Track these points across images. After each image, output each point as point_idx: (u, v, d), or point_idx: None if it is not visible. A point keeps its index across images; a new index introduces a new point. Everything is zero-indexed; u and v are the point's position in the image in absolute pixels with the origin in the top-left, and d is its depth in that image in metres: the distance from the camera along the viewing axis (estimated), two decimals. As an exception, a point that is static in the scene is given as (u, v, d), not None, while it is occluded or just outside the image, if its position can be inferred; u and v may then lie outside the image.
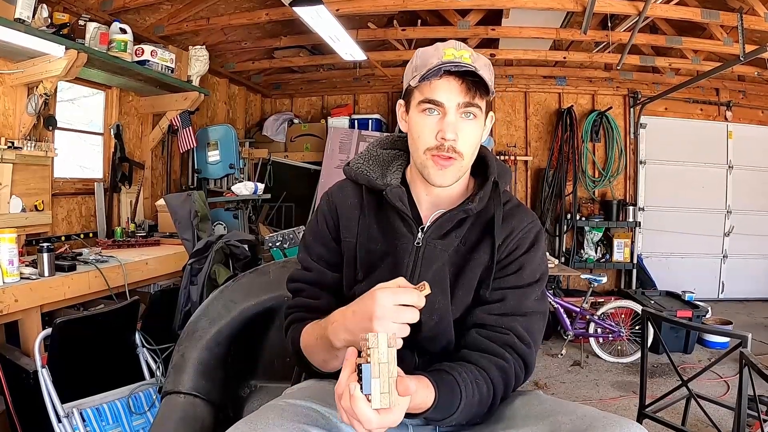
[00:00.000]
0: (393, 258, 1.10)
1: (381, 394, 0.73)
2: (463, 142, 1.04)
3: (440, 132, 1.03)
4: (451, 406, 0.93)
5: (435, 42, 1.10)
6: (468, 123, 1.04)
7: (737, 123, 6.13)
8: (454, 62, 1.01)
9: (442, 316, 1.06)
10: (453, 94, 1.02)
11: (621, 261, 5.96)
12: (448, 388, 0.94)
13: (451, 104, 1.03)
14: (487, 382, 0.99)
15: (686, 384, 2.16)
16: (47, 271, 2.49)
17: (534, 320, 1.07)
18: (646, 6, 3.62)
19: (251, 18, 4.21)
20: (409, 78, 1.08)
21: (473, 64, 1.02)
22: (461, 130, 1.04)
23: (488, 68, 1.07)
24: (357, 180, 1.17)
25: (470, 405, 0.96)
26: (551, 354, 4.21)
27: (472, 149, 1.07)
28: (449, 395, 0.93)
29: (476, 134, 1.07)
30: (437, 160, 1.04)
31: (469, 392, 0.95)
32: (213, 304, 1.72)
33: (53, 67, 3.00)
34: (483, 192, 1.09)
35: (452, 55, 1.02)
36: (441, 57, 1.03)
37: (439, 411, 0.92)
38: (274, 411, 0.92)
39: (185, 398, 1.58)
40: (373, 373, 0.74)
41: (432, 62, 1.02)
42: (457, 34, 4.55)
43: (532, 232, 1.11)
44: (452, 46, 1.05)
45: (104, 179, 4.01)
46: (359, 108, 6.54)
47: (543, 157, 6.18)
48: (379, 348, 0.75)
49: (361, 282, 1.11)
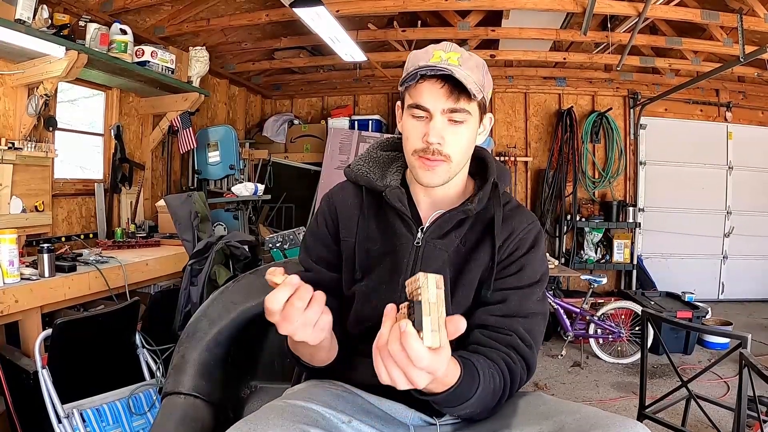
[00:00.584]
0: (392, 258, 1.10)
1: (432, 331, 0.71)
2: (450, 146, 1.03)
3: (425, 135, 1.03)
4: (469, 391, 0.91)
5: (435, 43, 1.09)
6: (456, 127, 1.03)
7: (737, 124, 6.14)
8: (432, 66, 0.99)
9: None
10: (437, 98, 1.01)
11: (621, 262, 5.96)
12: (469, 370, 0.91)
13: (437, 108, 1.02)
14: (499, 374, 0.98)
15: (686, 385, 2.16)
16: (47, 271, 2.49)
17: (535, 321, 1.07)
18: (646, 7, 3.62)
19: (251, 19, 4.21)
20: (401, 83, 1.09)
21: (458, 67, 1.00)
22: (448, 133, 1.03)
23: (479, 69, 1.05)
24: (357, 181, 1.17)
25: (486, 393, 0.94)
26: (551, 355, 4.21)
27: (461, 152, 1.06)
28: (470, 378, 0.90)
29: (465, 137, 1.06)
30: (424, 161, 1.05)
31: (487, 379, 0.94)
32: (213, 305, 1.72)
33: (53, 68, 3.01)
34: (482, 193, 1.10)
35: (439, 57, 1.02)
36: (428, 59, 1.02)
37: (458, 393, 0.88)
38: (275, 411, 0.93)
39: (185, 399, 1.58)
40: (425, 311, 0.72)
41: (419, 65, 1.02)
42: (458, 35, 4.56)
43: (532, 233, 1.11)
44: (441, 48, 1.04)
45: (104, 180, 4.01)
46: (359, 109, 6.55)
47: (543, 158, 6.18)
48: (429, 288, 0.72)
49: (360, 281, 1.11)
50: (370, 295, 1.10)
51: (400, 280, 1.08)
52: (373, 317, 1.08)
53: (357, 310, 1.11)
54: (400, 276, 1.08)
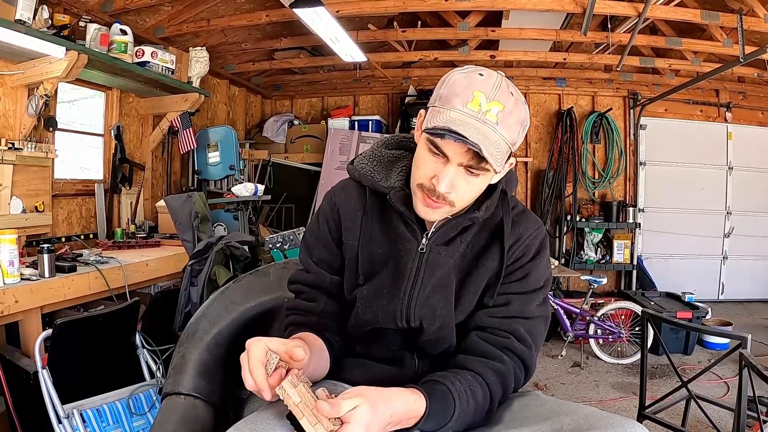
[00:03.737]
0: (395, 262, 1.08)
1: (312, 428, 0.79)
2: (458, 194, 0.98)
3: (435, 178, 0.96)
4: (444, 416, 0.92)
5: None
6: (471, 177, 0.97)
7: (737, 124, 6.14)
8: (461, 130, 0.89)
9: (444, 322, 1.05)
10: (457, 152, 0.94)
11: (621, 262, 5.96)
12: (441, 397, 0.93)
13: (455, 159, 0.95)
14: (483, 387, 0.98)
15: (686, 385, 2.16)
16: (47, 272, 2.49)
17: (536, 323, 1.07)
18: (646, 7, 3.63)
19: (251, 19, 4.21)
20: (431, 102, 0.99)
21: (495, 126, 0.91)
22: (461, 182, 0.97)
23: (517, 125, 0.95)
24: (361, 181, 1.14)
25: (466, 413, 0.95)
26: (551, 355, 4.21)
27: (469, 199, 1.02)
28: (442, 404, 0.92)
29: (477, 188, 1.01)
30: (425, 199, 0.99)
31: (464, 400, 0.94)
32: (213, 305, 1.72)
33: (54, 69, 3.01)
34: (490, 201, 1.07)
35: (478, 106, 0.91)
36: (465, 103, 0.92)
37: (432, 421, 0.91)
38: (275, 412, 0.92)
39: (185, 399, 1.58)
40: (297, 415, 0.80)
41: (455, 103, 0.93)
42: (458, 35, 4.56)
43: (538, 239, 1.10)
44: (484, 91, 0.92)
45: (104, 180, 4.01)
46: (359, 109, 6.55)
47: (543, 158, 6.18)
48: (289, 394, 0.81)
49: (362, 285, 1.10)
50: (371, 300, 1.08)
51: (403, 286, 1.06)
52: (373, 321, 1.08)
53: (358, 314, 1.10)
54: (403, 282, 1.07)
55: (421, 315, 1.01)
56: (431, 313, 1.05)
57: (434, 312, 1.05)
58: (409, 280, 1.06)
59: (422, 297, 1.06)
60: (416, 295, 1.06)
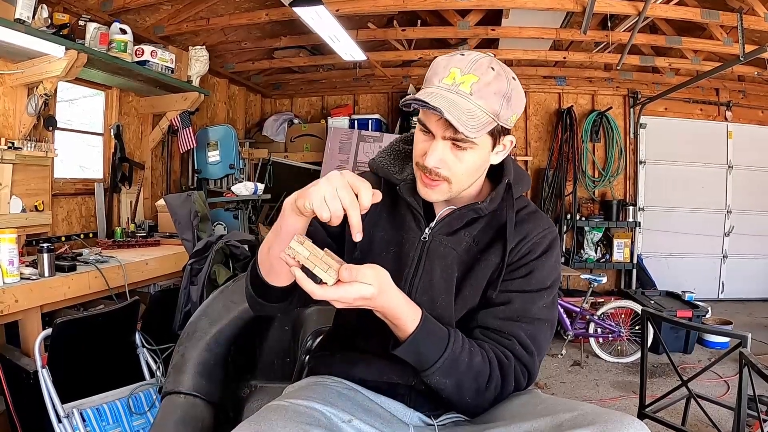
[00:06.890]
0: (397, 249, 1.10)
1: (326, 272, 0.87)
2: (450, 170, 1.00)
3: (425, 156, 1.00)
4: (433, 350, 0.95)
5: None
6: (459, 152, 0.99)
7: (737, 123, 6.14)
8: (428, 100, 0.92)
9: (442, 314, 1.05)
10: (439, 126, 0.97)
11: (621, 261, 5.96)
12: (438, 330, 0.96)
13: (438, 133, 0.98)
14: (484, 357, 0.99)
15: (686, 384, 2.17)
16: (47, 271, 2.49)
17: (540, 328, 1.05)
18: (646, 6, 3.62)
19: (251, 18, 4.21)
20: None
21: (468, 96, 0.94)
22: (450, 157, 0.99)
23: (497, 96, 0.96)
24: (377, 172, 1.17)
25: (455, 362, 0.96)
26: (551, 354, 4.21)
27: (464, 175, 1.03)
28: (435, 336, 0.95)
29: (470, 162, 1.01)
30: (423, 179, 1.03)
31: (457, 348, 0.97)
32: (213, 304, 1.72)
33: (53, 68, 3.00)
34: (495, 193, 1.08)
35: (452, 79, 0.96)
36: (442, 78, 0.97)
37: (417, 345, 0.94)
38: (277, 412, 0.92)
39: (185, 398, 1.58)
40: (310, 267, 0.88)
41: (432, 81, 0.98)
42: (457, 34, 4.55)
43: (548, 238, 1.10)
44: (459, 67, 0.96)
45: (104, 179, 4.01)
46: (359, 108, 6.54)
47: (543, 157, 6.18)
48: (297, 251, 0.87)
49: (359, 259, 1.08)
50: None
51: (405, 273, 1.07)
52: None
53: None
54: (405, 269, 1.08)
55: (421, 303, 1.01)
56: (430, 302, 1.05)
57: (434, 301, 1.05)
58: (410, 268, 1.07)
59: (423, 285, 1.07)
60: (417, 282, 1.07)
